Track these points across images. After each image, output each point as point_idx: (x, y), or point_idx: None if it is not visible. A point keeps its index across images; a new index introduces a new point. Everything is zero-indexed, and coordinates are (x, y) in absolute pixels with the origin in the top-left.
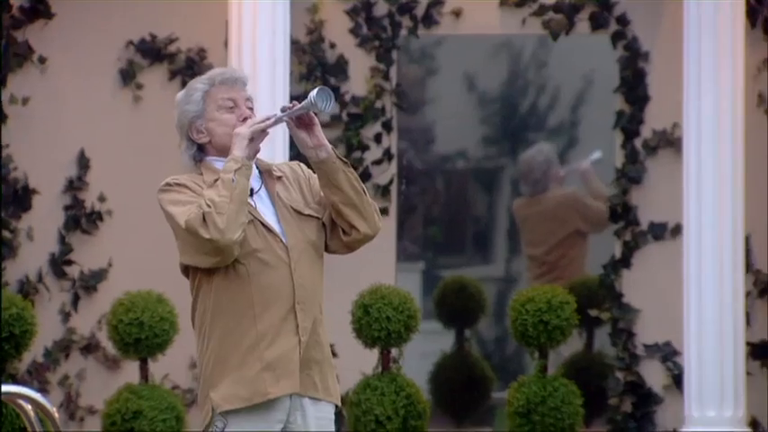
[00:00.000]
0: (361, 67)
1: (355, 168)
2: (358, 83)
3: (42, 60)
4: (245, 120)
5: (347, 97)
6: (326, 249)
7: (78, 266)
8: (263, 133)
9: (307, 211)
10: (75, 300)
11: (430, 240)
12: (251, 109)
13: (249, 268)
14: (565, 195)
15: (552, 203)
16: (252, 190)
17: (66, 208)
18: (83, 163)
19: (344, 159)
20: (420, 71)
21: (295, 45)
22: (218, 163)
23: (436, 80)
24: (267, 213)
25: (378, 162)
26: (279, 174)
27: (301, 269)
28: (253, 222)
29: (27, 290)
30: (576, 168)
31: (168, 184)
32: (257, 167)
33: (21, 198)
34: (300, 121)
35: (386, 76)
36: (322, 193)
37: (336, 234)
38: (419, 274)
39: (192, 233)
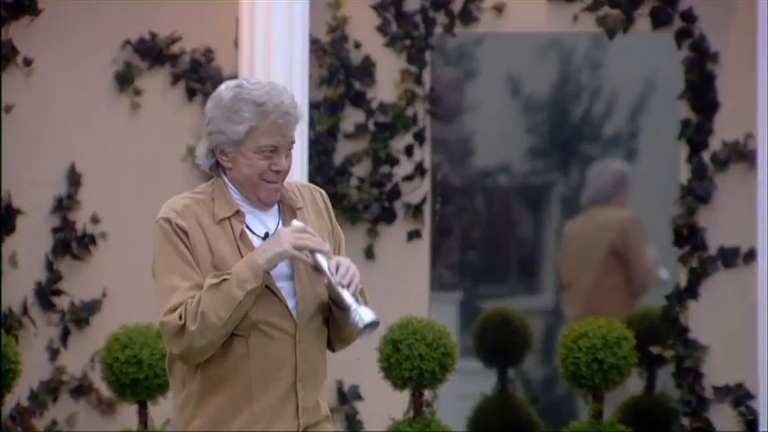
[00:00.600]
0: (389, 69)
1: (383, 185)
2: (386, 88)
3: (28, 62)
4: (278, 174)
5: (374, 104)
6: None
7: (68, 297)
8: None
9: None
10: (65, 335)
11: (468, 267)
12: (288, 153)
13: (249, 342)
14: (624, 219)
15: (603, 221)
16: (266, 233)
17: (55, 230)
18: (73, 179)
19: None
20: (457, 74)
21: (315, 45)
22: (233, 193)
23: (475, 84)
24: (280, 266)
25: (409, 178)
26: (300, 204)
27: (307, 340)
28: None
29: (10, 323)
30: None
31: (168, 221)
32: None
33: (3, 219)
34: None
35: (418, 80)
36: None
37: None
38: (456, 305)
39: (162, 333)
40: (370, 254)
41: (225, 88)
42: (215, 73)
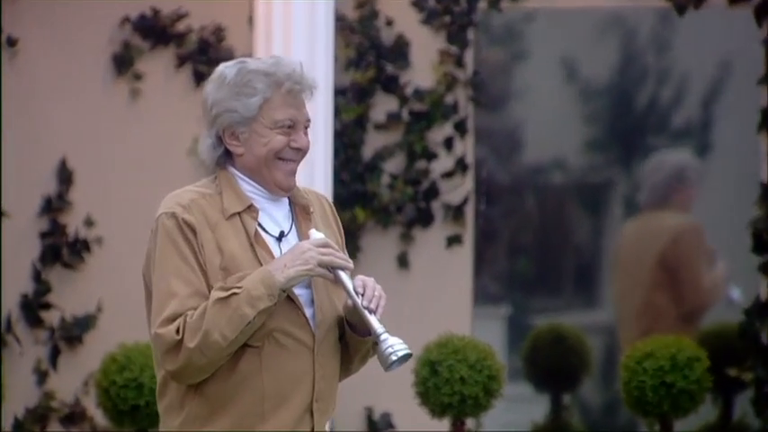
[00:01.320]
0: (427, 50)
1: (418, 183)
2: (423, 71)
3: (12, 42)
4: (298, 151)
5: (408, 90)
6: None
7: (58, 311)
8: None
9: None
10: (55, 354)
11: (517, 277)
12: (306, 131)
13: (263, 352)
14: (678, 226)
15: (655, 228)
16: (281, 233)
17: (43, 235)
18: (64, 176)
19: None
20: (504, 55)
21: (341, 22)
22: (244, 184)
23: (525, 67)
24: None
25: (449, 174)
26: (311, 206)
27: (324, 355)
28: None
29: None
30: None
31: (174, 217)
32: (288, 197)
33: None
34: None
35: (459, 63)
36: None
37: None
38: (503, 321)
39: (154, 347)
40: (403, 262)
41: (225, 67)
42: (226, 54)
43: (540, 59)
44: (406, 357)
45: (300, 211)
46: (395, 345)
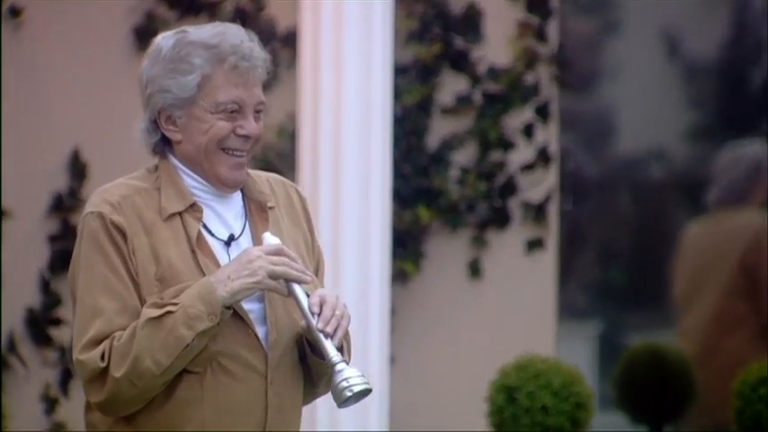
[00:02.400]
0: (502, 21)
1: (493, 177)
2: (498, 46)
3: (16, 13)
4: (246, 140)
5: (481, 68)
6: None
7: (69, 328)
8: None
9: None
10: (65, 379)
11: (609, 288)
12: (257, 115)
13: (204, 380)
14: (760, 225)
15: (730, 229)
16: (231, 236)
17: (53, 238)
18: (77, 170)
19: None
20: (594, 27)
21: None
22: (186, 177)
23: (619, 41)
24: None
25: (528, 167)
26: (272, 204)
27: (280, 382)
28: None
29: None
30: None
31: (100, 217)
32: (242, 190)
33: None
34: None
35: (541, 36)
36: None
37: None
38: (592, 340)
39: (78, 373)
40: (475, 270)
41: (162, 38)
42: (266, 27)
43: (636, 32)
44: (364, 393)
45: (256, 208)
46: (351, 377)
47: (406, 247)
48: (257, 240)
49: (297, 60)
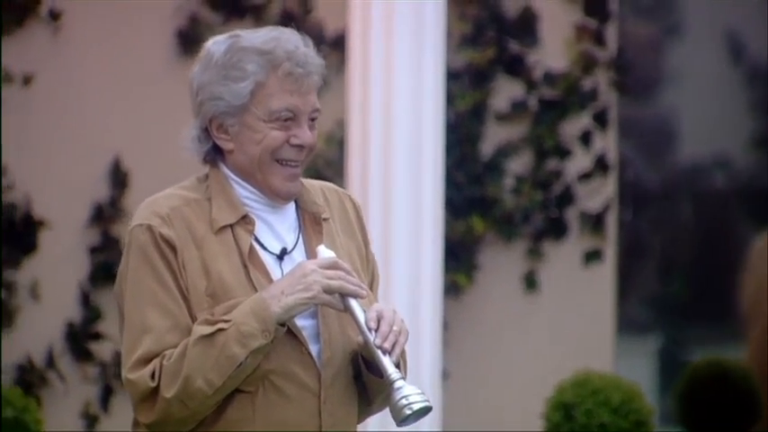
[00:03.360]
0: (559, 25)
1: (549, 186)
2: (554, 50)
3: (55, 16)
4: (300, 149)
5: (537, 73)
6: None
7: (111, 343)
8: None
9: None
10: (106, 395)
11: (670, 301)
12: (312, 123)
13: (256, 399)
14: None
15: None
16: (284, 250)
17: (93, 250)
18: (118, 179)
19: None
20: (653, 31)
21: None
22: (238, 187)
23: (680, 45)
24: None
25: (586, 176)
26: (326, 215)
27: (334, 401)
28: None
29: (30, 380)
30: None
31: (149, 230)
32: (295, 201)
33: (20, 235)
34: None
35: (599, 40)
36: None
37: None
38: (652, 355)
39: (127, 390)
40: (531, 283)
41: (213, 43)
42: (315, 30)
43: (699, 35)
44: (425, 411)
45: (309, 220)
46: (411, 395)
47: (459, 259)
48: (311, 254)
49: (345, 65)
